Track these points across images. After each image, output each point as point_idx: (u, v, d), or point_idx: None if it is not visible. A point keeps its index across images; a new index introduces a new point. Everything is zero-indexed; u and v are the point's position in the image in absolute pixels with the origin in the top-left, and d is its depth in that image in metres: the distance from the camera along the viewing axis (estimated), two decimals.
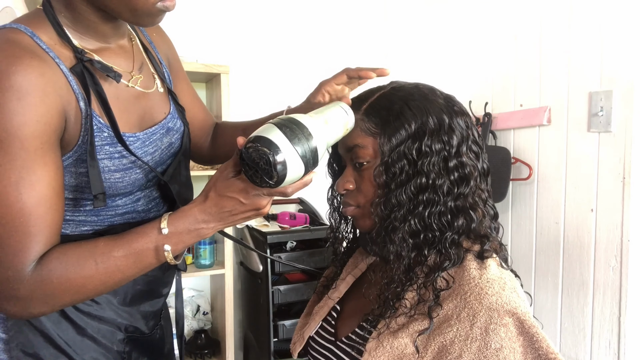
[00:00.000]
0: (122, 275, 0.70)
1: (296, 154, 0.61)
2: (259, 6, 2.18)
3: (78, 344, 0.80)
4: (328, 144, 0.70)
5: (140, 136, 0.80)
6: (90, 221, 0.79)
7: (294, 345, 0.91)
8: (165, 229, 0.70)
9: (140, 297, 0.88)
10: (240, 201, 0.67)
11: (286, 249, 1.93)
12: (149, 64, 0.88)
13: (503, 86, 2.10)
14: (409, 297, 0.72)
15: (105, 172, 0.74)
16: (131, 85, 0.81)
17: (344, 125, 0.74)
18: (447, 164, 0.73)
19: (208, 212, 0.70)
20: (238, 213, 0.69)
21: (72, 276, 0.67)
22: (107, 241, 0.71)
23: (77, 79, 0.71)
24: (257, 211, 0.69)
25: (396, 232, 0.72)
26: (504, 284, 0.69)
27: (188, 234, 0.71)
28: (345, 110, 0.75)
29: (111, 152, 0.75)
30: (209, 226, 0.71)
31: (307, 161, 0.63)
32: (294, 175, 0.63)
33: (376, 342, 0.71)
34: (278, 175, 0.61)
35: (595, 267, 1.70)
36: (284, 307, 1.93)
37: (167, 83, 0.91)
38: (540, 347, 0.66)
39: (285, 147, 0.61)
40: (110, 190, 0.77)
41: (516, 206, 2.05)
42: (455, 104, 0.77)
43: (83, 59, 0.71)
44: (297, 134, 0.62)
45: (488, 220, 0.78)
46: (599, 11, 1.67)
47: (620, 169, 1.61)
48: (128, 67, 0.82)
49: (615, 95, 1.62)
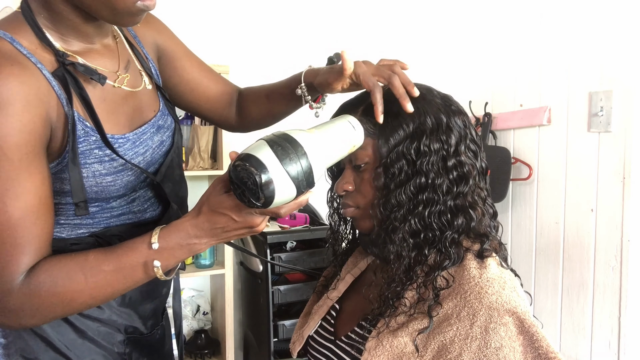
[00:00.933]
0: (112, 289, 0.69)
1: (286, 176, 0.58)
2: (259, 6, 2.19)
3: (79, 347, 0.80)
4: (329, 162, 0.66)
5: (130, 137, 0.78)
6: (85, 224, 0.78)
7: (294, 344, 0.91)
8: (155, 244, 0.67)
9: (139, 298, 0.87)
10: (232, 218, 0.65)
11: (286, 249, 1.93)
12: (135, 61, 0.86)
13: (503, 86, 2.10)
14: (408, 296, 0.72)
15: (96, 176, 0.73)
16: (117, 86, 0.79)
17: (350, 142, 0.70)
18: (446, 163, 0.73)
19: (200, 228, 0.67)
20: (231, 230, 0.67)
21: (61, 290, 0.66)
22: (97, 254, 0.69)
23: (59, 84, 0.69)
24: (251, 229, 0.67)
25: (396, 233, 0.72)
26: (503, 283, 0.69)
27: (180, 249, 0.69)
28: (353, 125, 0.71)
29: (100, 155, 0.73)
30: (202, 242, 0.68)
31: (299, 183, 0.59)
32: (283, 197, 0.59)
33: (376, 341, 0.71)
34: (265, 197, 0.58)
35: (595, 267, 1.70)
36: (284, 307, 1.93)
37: (155, 79, 0.89)
38: (540, 346, 0.66)
39: (275, 168, 0.57)
40: (102, 194, 0.76)
41: (516, 206, 2.05)
42: (452, 103, 0.77)
43: (65, 63, 0.70)
44: (289, 153, 0.58)
45: (487, 219, 0.78)
46: (599, 11, 1.67)
47: (620, 168, 1.61)
48: (114, 66, 0.80)
49: (615, 95, 1.62)
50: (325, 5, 2.31)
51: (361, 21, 2.38)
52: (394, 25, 2.46)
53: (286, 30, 2.23)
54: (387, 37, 2.43)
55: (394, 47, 2.44)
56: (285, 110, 1.00)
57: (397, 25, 2.46)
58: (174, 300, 0.99)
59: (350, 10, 2.35)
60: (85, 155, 0.72)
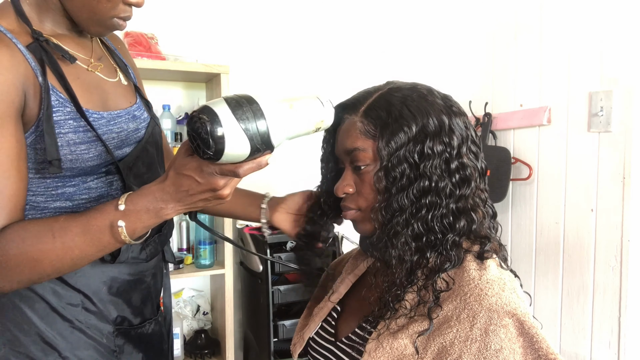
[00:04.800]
0: (79, 252, 0.68)
1: (238, 127, 0.58)
2: (258, 6, 2.18)
3: (68, 336, 0.80)
4: (291, 131, 0.66)
5: (104, 115, 0.81)
6: (66, 207, 0.79)
7: (294, 346, 0.91)
8: (122, 205, 0.67)
9: (127, 287, 0.87)
10: (196, 180, 0.64)
11: (286, 249, 1.93)
12: (109, 58, 0.91)
13: (503, 86, 2.10)
14: (409, 298, 0.72)
15: (70, 144, 0.75)
16: (91, 70, 0.83)
17: (317, 117, 0.70)
18: (449, 166, 0.72)
19: (166, 191, 0.67)
20: (195, 193, 0.66)
21: (29, 249, 0.66)
22: (67, 217, 0.69)
23: (34, 57, 0.73)
24: (214, 192, 0.65)
25: (398, 237, 0.71)
26: (503, 285, 0.69)
27: (146, 212, 0.68)
28: (322, 101, 0.71)
29: (75, 126, 0.76)
30: (168, 206, 0.68)
31: (252, 137, 0.59)
32: (235, 150, 0.59)
33: (376, 343, 0.71)
34: (216, 146, 0.58)
35: (595, 267, 1.70)
36: (284, 307, 1.93)
37: (132, 79, 0.93)
38: (540, 347, 0.66)
39: (227, 119, 0.58)
40: (77, 163, 0.77)
41: (516, 206, 2.05)
42: (453, 104, 0.77)
43: (39, 39, 0.74)
44: (244, 109, 0.59)
45: (488, 220, 0.77)
46: (599, 11, 1.67)
47: (620, 169, 1.61)
48: (86, 54, 0.85)
49: (615, 95, 1.62)
50: (325, 5, 2.30)
51: (361, 21, 2.38)
52: (394, 25, 2.45)
53: (286, 30, 2.23)
54: (387, 37, 2.43)
55: (393, 47, 2.44)
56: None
57: (397, 25, 2.46)
58: (164, 295, 1.00)
59: (350, 10, 2.35)
60: (60, 125, 0.74)
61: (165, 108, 2.02)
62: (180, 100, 2.13)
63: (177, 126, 2.06)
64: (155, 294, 0.96)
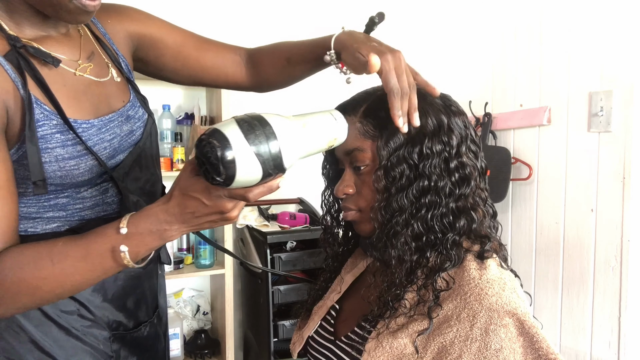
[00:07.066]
0: (80, 277, 0.66)
1: (250, 152, 0.55)
2: (258, 6, 2.18)
3: (64, 344, 0.78)
4: (304, 151, 0.63)
5: (94, 123, 0.76)
6: (59, 217, 0.76)
7: (294, 345, 0.91)
8: (123, 229, 0.64)
9: (122, 292, 0.85)
10: (202, 202, 0.61)
11: (286, 249, 1.93)
12: (101, 53, 0.84)
13: (503, 86, 2.10)
14: (408, 297, 0.72)
15: (59, 160, 0.71)
16: (79, 74, 0.77)
17: (330, 134, 0.68)
18: (448, 165, 0.72)
19: (171, 213, 0.64)
20: (202, 215, 0.63)
21: (27, 276, 0.64)
22: (66, 241, 0.66)
23: (13, 67, 0.67)
24: (222, 215, 0.63)
25: (398, 237, 0.71)
26: (503, 285, 0.69)
27: (150, 235, 0.65)
28: (335, 117, 0.69)
29: (63, 140, 0.71)
30: (172, 228, 0.65)
31: (264, 162, 0.56)
32: (247, 176, 0.56)
33: (375, 342, 0.71)
34: (227, 173, 0.55)
35: (595, 267, 1.70)
36: (284, 307, 1.93)
37: (125, 73, 0.87)
38: (540, 347, 0.66)
39: (237, 142, 0.54)
40: (67, 179, 0.73)
41: (516, 206, 2.05)
42: (452, 103, 0.77)
43: (17, 45, 0.68)
44: (256, 131, 0.56)
45: (488, 220, 0.77)
46: (599, 11, 1.67)
47: (620, 169, 1.61)
48: (74, 55, 0.78)
49: (615, 95, 1.62)
50: (326, 5, 2.30)
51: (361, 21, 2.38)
52: (395, 25, 2.45)
53: (285, 29, 2.23)
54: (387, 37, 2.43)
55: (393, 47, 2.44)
56: (307, 74, 0.99)
57: (397, 25, 2.45)
58: (160, 296, 0.98)
59: (351, 10, 2.35)
60: (47, 139, 0.70)
61: (165, 108, 2.02)
62: (180, 100, 2.13)
63: (177, 126, 2.07)
64: (151, 296, 0.94)
